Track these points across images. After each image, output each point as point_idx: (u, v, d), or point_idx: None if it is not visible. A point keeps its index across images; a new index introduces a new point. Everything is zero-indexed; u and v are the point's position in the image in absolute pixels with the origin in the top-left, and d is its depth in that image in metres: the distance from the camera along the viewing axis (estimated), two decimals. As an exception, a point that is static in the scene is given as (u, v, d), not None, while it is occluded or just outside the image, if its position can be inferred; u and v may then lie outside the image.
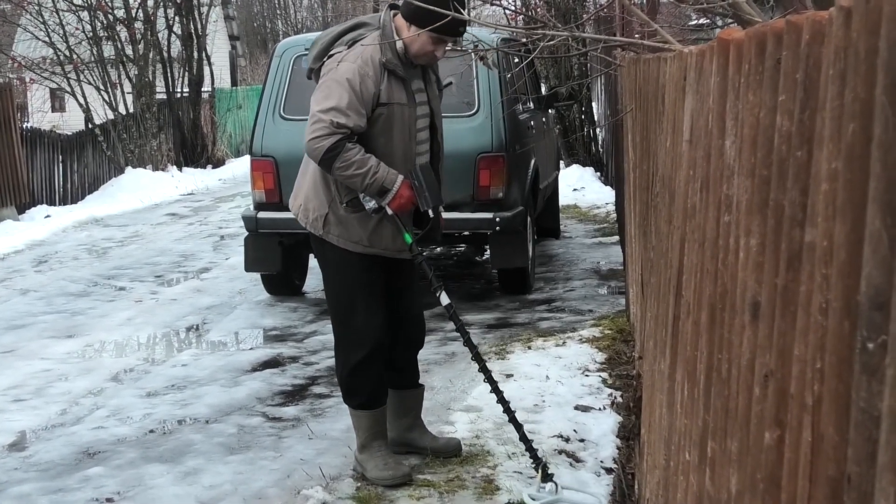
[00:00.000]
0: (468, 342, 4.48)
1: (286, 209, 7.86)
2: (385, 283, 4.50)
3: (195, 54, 21.62)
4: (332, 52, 4.32)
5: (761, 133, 1.75)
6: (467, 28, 4.64)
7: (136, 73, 20.18)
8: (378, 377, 4.53)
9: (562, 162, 13.87)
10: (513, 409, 4.49)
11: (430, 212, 4.37)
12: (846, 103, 1.23)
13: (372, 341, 4.40)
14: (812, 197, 1.42)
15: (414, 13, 4.20)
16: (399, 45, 4.25)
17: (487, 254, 9.16)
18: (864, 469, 1.12)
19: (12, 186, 14.65)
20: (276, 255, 8.12)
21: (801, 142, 1.50)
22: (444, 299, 4.44)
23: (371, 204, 4.28)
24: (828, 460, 1.27)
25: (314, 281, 9.12)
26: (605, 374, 5.93)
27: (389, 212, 4.29)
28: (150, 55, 20.50)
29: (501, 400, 4.43)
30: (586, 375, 5.91)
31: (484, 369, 4.47)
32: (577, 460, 4.75)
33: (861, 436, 1.12)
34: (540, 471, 4.26)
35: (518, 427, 4.41)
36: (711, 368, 2.20)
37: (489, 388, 4.50)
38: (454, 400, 5.60)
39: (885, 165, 1.09)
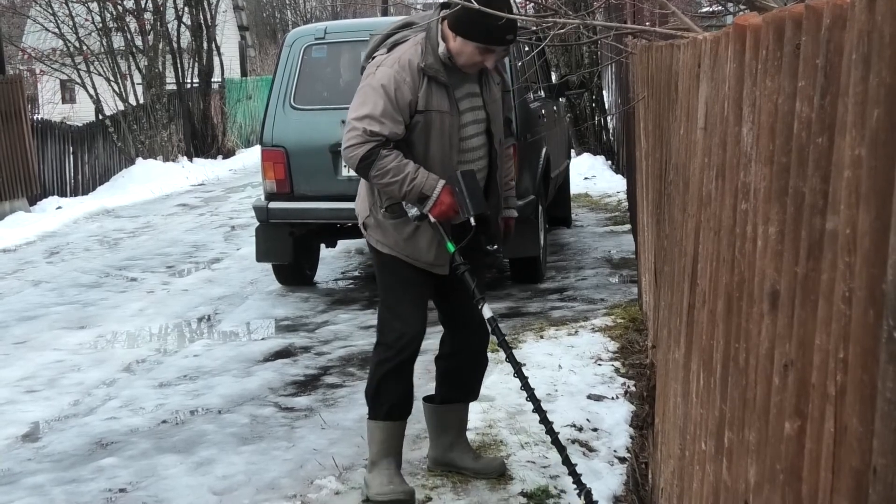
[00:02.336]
0: (511, 358, 4.13)
1: (297, 199, 7.97)
2: (442, 288, 4.28)
3: (205, 45, 21.63)
4: (374, 55, 4.16)
5: (780, 120, 1.73)
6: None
7: (146, 63, 20.20)
8: (405, 390, 4.29)
9: (573, 150, 13.84)
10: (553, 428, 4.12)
11: (472, 220, 4.06)
12: (870, 88, 1.21)
13: (406, 351, 4.19)
14: (834, 184, 1.40)
15: (459, 23, 3.97)
16: (441, 48, 4.02)
17: (499, 243, 9.14)
18: (890, 461, 1.10)
19: (23, 178, 14.68)
20: (287, 245, 8.12)
21: (821, 128, 1.48)
22: (487, 312, 4.14)
23: (413, 211, 4.07)
24: (852, 452, 1.25)
25: (325, 271, 9.12)
26: (617, 364, 5.91)
27: (432, 219, 4.07)
28: (160, 46, 20.53)
29: (548, 426, 4.05)
30: (599, 364, 5.90)
31: (532, 397, 4.08)
32: (591, 449, 4.74)
33: (888, 427, 1.10)
34: (583, 498, 3.89)
35: (561, 450, 4.02)
36: (728, 358, 2.18)
37: (532, 406, 4.10)
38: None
39: (912, 151, 1.07)
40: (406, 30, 4.18)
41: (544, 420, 4.05)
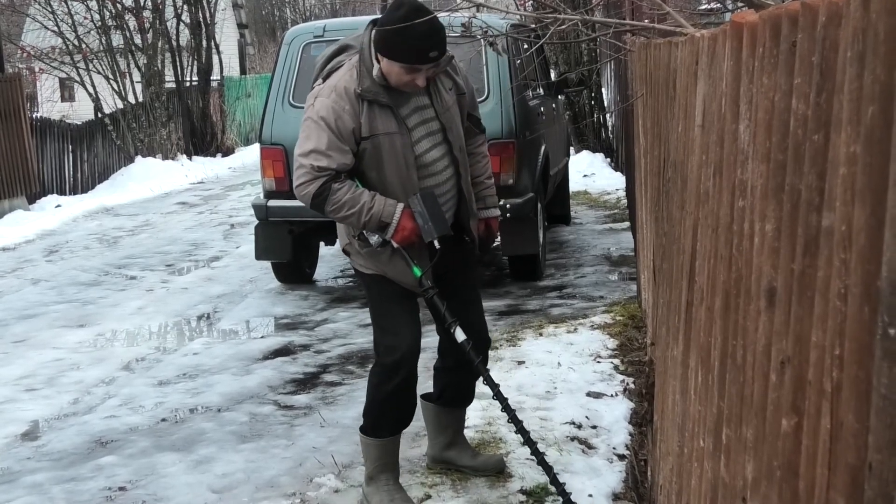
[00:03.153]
0: (489, 381, 4.06)
1: (296, 197, 7.95)
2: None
3: (204, 43, 21.63)
4: (313, 85, 4.06)
5: (776, 117, 1.73)
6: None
7: (145, 62, 20.21)
8: (407, 408, 4.19)
9: (572, 148, 13.83)
10: (524, 422, 4.08)
11: (436, 243, 3.95)
12: (865, 85, 1.21)
13: (404, 369, 4.04)
14: (829, 181, 1.40)
15: (380, 44, 3.84)
16: (375, 70, 3.87)
17: (498, 240, 9.15)
18: (885, 457, 1.10)
19: (23, 176, 14.68)
20: (286, 243, 8.13)
21: (817, 125, 1.48)
22: (460, 336, 4.02)
23: (374, 238, 3.96)
24: (847, 448, 1.25)
25: (324, 269, 9.12)
26: (616, 361, 5.92)
27: (395, 245, 3.96)
28: (159, 44, 20.53)
29: (532, 447, 3.99)
30: (598, 362, 5.90)
31: (514, 418, 4.03)
32: (590, 447, 4.74)
33: (882, 423, 1.10)
34: None
35: (548, 470, 3.95)
36: (726, 355, 2.18)
37: (517, 428, 4.04)
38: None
39: (906, 148, 1.07)
40: (341, 55, 4.05)
41: (528, 441, 3.99)
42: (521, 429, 4.00)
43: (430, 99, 4.04)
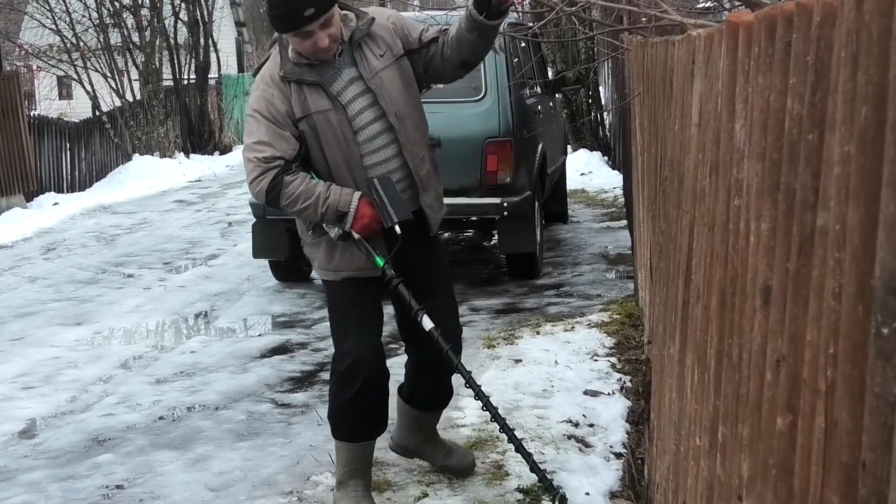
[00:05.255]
0: (460, 368, 3.99)
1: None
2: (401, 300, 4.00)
3: (202, 41, 21.63)
4: None
5: (772, 116, 1.74)
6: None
7: (143, 60, 20.20)
8: (371, 414, 4.06)
9: (569, 146, 13.84)
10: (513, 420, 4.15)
11: (397, 228, 3.80)
12: (859, 86, 1.22)
13: (362, 374, 3.91)
14: (824, 180, 1.40)
15: (269, 22, 3.85)
16: (292, 52, 3.83)
17: (495, 239, 9.15)
18: (879, 455, 1.11)
19: (20, 174, 14.67)
20: (283, 241, 8.12)
21: (812, 125, 1.49)
22: (427, 323, 3.90)
23: (335, 231, 3.86)
24: (842, 446, 1.26)
25: (322, 267, 9.11)
26: (613, 359, 5.92)
27: (356, 236, 3.84)
28: (157, 42, 20.52)
29: (500, 422, 3.98)
30: (595, 360, 5.90)
31: (480, 394, 4.02)
32: (587, 445, 4.75)
33: (876, 422, 1.11)
34: (557, 502, 3.86)
35: (527, 456, 3.95)
36: (722, 353, 2.18)
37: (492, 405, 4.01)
38: (463, 385, 5.59)
39: (900, 148, 1.08)
40: (273, 49, 4.01)
41: (494, 416, 3.96)
42: (495, 415, 3.96)
43: (357, 68, 3.88)
